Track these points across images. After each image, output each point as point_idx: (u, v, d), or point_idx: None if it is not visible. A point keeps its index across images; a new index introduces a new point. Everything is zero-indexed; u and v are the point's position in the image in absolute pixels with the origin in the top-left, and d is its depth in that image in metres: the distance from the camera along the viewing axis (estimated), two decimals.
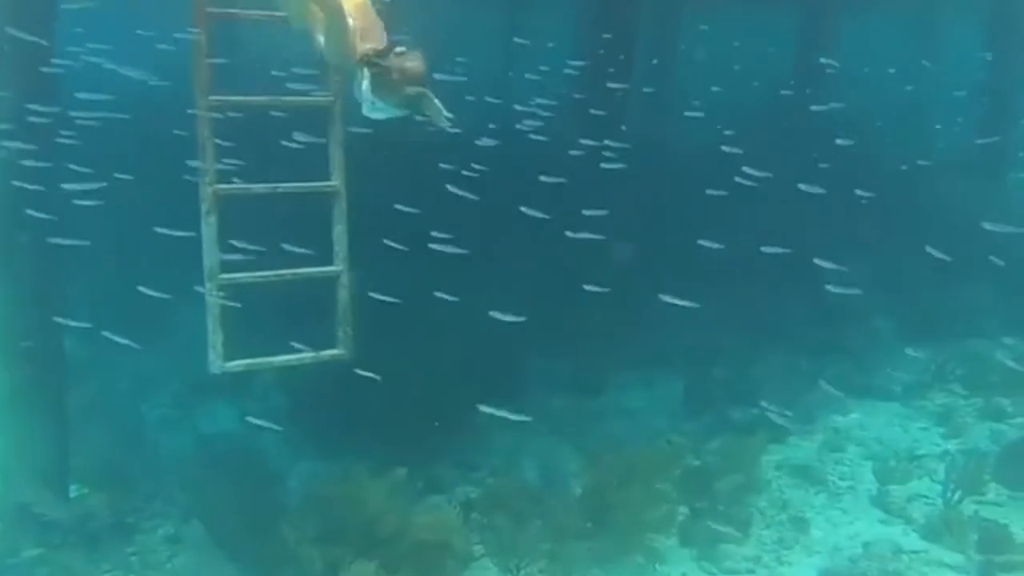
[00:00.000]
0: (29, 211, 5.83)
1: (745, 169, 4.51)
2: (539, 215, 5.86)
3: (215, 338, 4.55)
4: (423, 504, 7.24)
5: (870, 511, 7.52)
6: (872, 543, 6.76)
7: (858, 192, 8.19)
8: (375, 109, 4.04)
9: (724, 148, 4.62)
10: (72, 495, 6.81)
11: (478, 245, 5.90)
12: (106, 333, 4.68)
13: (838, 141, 7.78)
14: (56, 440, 6.67)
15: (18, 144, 5.12)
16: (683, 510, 7.35)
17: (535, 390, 9.69)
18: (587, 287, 6.51)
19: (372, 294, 5.36)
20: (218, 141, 4.57)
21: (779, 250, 5.07)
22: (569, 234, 5.69)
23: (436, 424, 8.11)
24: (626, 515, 6.89)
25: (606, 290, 9.68)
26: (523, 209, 5.95)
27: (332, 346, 5.05)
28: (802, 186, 5.99)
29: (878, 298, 11.37)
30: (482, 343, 9.34)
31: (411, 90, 3.98)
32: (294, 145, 5.14)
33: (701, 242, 5.85)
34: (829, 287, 6.69)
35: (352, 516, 6.33)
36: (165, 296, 4.95)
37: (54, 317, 6.45)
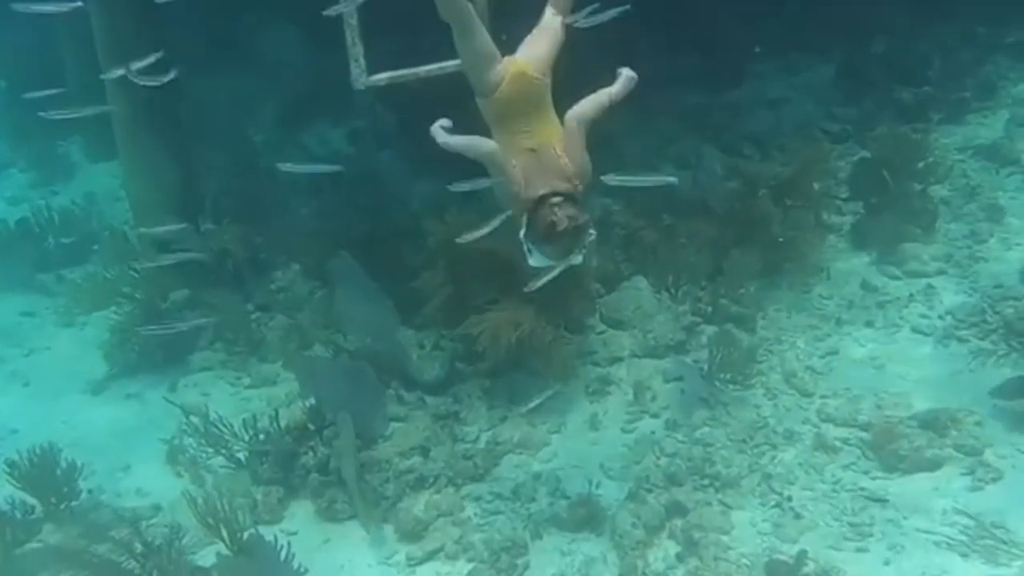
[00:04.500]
0: None
1: None
2: None
3: (355, 51, 4.03)
4: None
5: None
6: None
7: None
8: (534, 259, 3.56)
9: None
10: (201, 230, 6.52)
11: None
12: None
13: None
14: (180, 169, 6.34)
15: None
16: (852, 208, 6.50)
17: (665, 87, 8.54)
18: None
19: None
20: None
21: None
22: None
23: None
24: (785, 219, 6.11)
25: None
26: None
27: None
28: None
29: None
30: (606, 35, 8.10)
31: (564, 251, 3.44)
32: None
33: None
34: None
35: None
36: None
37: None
